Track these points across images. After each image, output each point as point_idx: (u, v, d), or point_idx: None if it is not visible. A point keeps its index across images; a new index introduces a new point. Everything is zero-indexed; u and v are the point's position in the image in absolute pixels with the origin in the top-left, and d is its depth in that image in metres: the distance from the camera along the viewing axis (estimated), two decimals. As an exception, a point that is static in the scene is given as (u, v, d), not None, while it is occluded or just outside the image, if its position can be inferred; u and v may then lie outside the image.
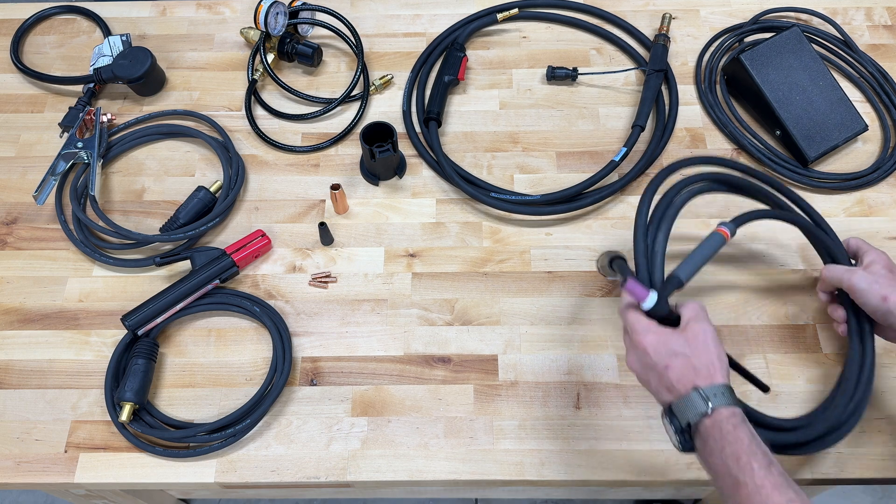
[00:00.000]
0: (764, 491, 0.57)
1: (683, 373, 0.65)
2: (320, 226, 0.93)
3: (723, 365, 0.66)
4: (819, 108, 1.02)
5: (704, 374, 0.64)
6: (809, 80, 1.03)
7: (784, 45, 1.05)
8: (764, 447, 0.61)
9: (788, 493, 0.56)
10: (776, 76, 1.03)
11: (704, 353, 0.65)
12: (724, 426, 0.61)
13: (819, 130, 1.01)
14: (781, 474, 0.58)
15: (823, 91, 1.03)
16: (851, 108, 1.03)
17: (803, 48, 1.05)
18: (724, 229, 0.80)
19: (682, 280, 0.75)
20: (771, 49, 1.04)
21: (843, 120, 1.02)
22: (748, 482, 0.58)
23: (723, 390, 0.63)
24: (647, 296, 0.70)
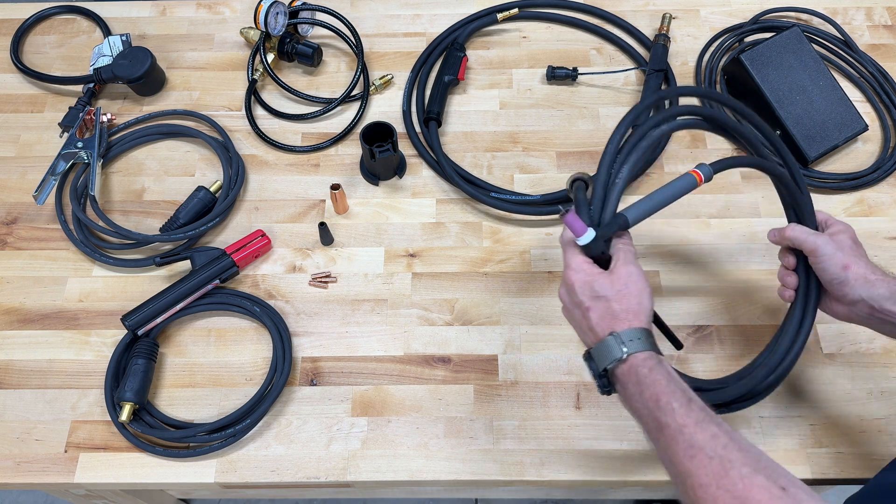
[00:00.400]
0: (687, 430, 0.56)
1: (603, 317, 0.65)
2: (320, 226, 0.93)
3: (643, 310, 0.64)
4: (819, 107, 1.02)
5: (623, 319, 0.63)
6: (809, 80, 1.03)
7: (784, 45, 1.05)
8: (683, 385, 0.60)
9: (711, 429, 0.56)
10: (776, 76, 1.03)
11: (626, 298, 0.64)
12: (640, 370, 0.61)
13: (819, 130, 1.01)
14: (702, 409, 0.58)
15: (823, 91, 1.03)
16: (851, 108, 1.03)
17: (803, 48, 1.05)
18: (698, 171, 0.73)
19: (627, 221, 0.69)
20: (771, 49, 1.04)
21: (844, 120, 1.02)
22: (670, 423, 0.57)
23: (640, 335, 0.62)
24: (585, 232, 0.67)
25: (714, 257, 0.94)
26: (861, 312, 0.70)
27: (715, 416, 0.57)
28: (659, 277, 0.93)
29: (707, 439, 0.55)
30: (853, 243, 0.73)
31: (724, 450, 0.54)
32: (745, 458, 0.53)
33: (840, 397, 0.84)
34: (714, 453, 0.54)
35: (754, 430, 0.82)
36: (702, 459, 0.54)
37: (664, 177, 1.01)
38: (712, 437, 0.55)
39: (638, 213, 0.70)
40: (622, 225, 0.69)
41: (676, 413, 0.57)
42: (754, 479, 0.51)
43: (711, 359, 0.87)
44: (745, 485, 0.51)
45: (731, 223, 0.97)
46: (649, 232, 0.97)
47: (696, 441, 0.55)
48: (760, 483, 0.51)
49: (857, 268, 0.70)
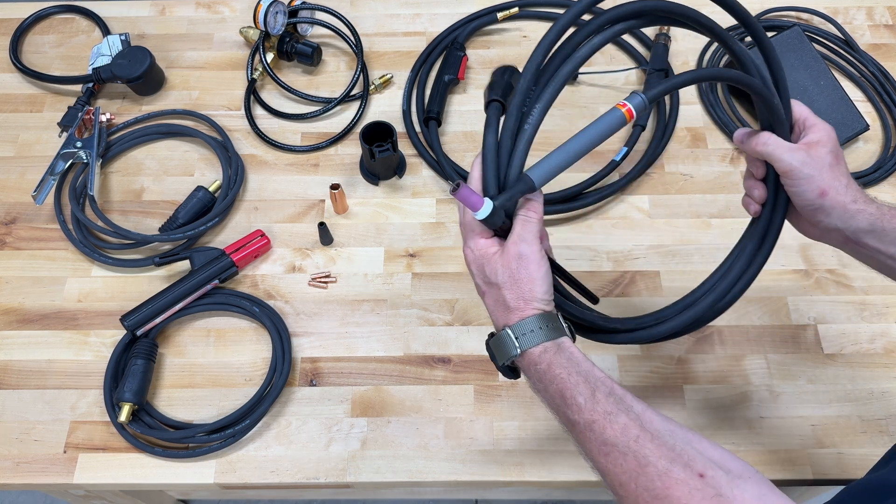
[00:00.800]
0: (596, 426, 0.53)
1: (496, 307, 0.60)
2: (320, 226, 0.93)
3: (535, 295, 0.58)
4: (820, 107, 1.02)
5: (515, 309, 0.58)
6: (810, 80, 1.03)
7: (785, 44, 1.05)
8: (584, 369, 0.55)
9: (620, 420, 0.52)
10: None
11: (516, 285, 0.58)
12: (538, 367, 0.57)
13: None
14: (609, 396, 0.53)
15: (824, 90, 1.03)
16: (852, 108, 1.03)
17: (804, 48, 1.05)
18: (627, 105, 0.58)
19: (532, 184, 0.58)
20: None
21: (844, 119, 1.02)
22: (578, 420, 0.54)
23: (533, 324, 0.57)
24: (481, 205, 0.57)
25: (714, 257, 0.94)
26: (835, 240, 0.65)
27: (622, 400, 0.53)
28: (659, 277, 0.93)
29: (618, 434, 0.51)
30: (833, 158, 0.63)
31: (637, 443, 0.51)
32: (660, 450, 0.50)
33: (841, 398, 0.84)
34: (627, 448, 0.51)
35: (755, 430, 0.82)
36: (616, 457, 0.51)
37: (665, 176, 1.01)
38: (623, 430, 0.51)
39: (547, 170, 0.58)
40: (525, 189, 0.58)
41: (583, 409, 0.53)
42: (671, 473, 0.49)
43: (712, 359, 0.87)
44: (663, 482, 0.49)
45: (732, 223, 0.97)
46: (650, 231, 0.96)
47: (607, 437, 0.52)
48: (678, 477, 0.48)
49: (834, 194, 0.62)
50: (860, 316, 0.89)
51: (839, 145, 0.65)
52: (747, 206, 0.70)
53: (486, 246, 0.60)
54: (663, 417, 0.53)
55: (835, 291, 0.91)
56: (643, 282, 0.92)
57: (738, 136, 0.68)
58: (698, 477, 0.48)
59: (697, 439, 0.52)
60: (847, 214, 0.62)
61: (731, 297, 0.68)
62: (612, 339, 0.69)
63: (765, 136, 0.64)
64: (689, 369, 0.86)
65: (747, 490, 0.47)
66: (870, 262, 0.65)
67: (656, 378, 0.85)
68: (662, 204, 0.99)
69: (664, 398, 0.84)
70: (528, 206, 0.60)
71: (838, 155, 0.64)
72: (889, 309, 0.90)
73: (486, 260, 0.60)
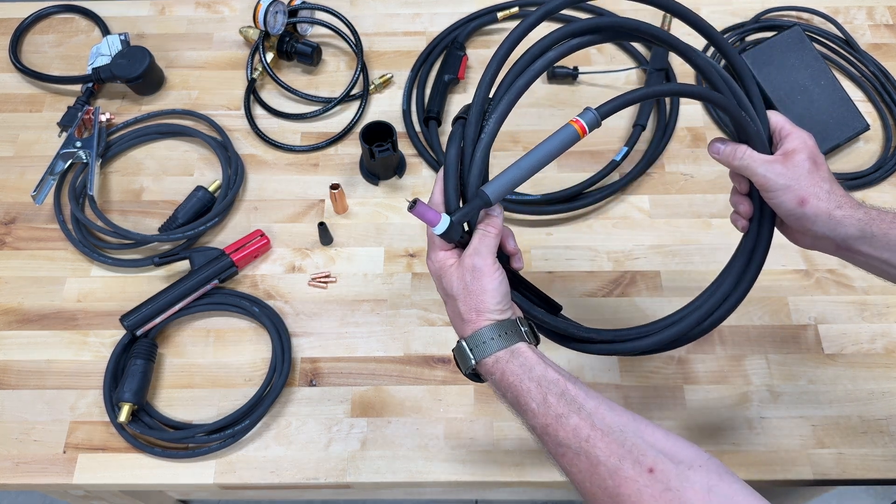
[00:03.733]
0: (550, 429, 0.54)
1: (454, 318, 0.61)
2: (320, 226, 0.93)
3: (487, 307, 0.59)
4: (820, 107, 1.02)
5: (469, 321, 0.59)
6: (811, 80, 1.03)
7: (785, 44, 1.04)
8: (537, 374, 0.56)
9: (572, 421, 0.53)
10: (777, 75, 1.03)
11: (470, 297, 0.59)
12: (493, 377, 0.58)
13: (820, 130, 1.01)
14: (560, 397, 0.54)
15: (825, 90, 1.03)
16: (853, 108, 1.03)
17: (805, 47, 1.04)
18: (579, 121, 0.59)
19: (488, 199, 0.59)
20: (772, 48, 1.04)
21: (845, 119, 1.02)
22: (535, 425, 0.55)
23: (486, 335, 0.58)
24: (439, 220, 0.59)
25: (714, 257, 0.94)
26: (827, 247, 0.64)
27: (574, 401, 0.54)
28: (659, 277, 0.93)
29: (570, 436, 0.53)
30: (812, 165, 0.62)
31: (588, 443, 0.52)
32: (610, 447, 0.51)
33: (841, 398, 0.84)
34: (580, 449, 0.52)
35: (755, 430, 0.82)
36: (571, 458, 0.53)
37: (665, 176, 1.01)
38: (574, 431, 0.53)
39: (503, 185, 0.60)
40: (481, 204, 0.60)
41: (537, 414, 0.55)
42: (620, 472, 0.50)
43: (712, 359, 0.87)
44: (614, 481, 0.50)
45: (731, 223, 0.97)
46: (650, 231, 0.96)
47: (560, 440, 0.53)
48: (627, 475, 0.50)
49: (816, 202, 0.61)
50: (861, 316, 0.89)
51: (819, 152, 0.63)
52: (735, 223, 0.69)
53: (444, 258, 0.62)
54: (616, 411, 0.54)
55: (835, 291, 0.91)
56: (643, 282, 0.92)
57: (713, 150, 0.66)
58: (647, 473, 0.49)
59: (650, 430, 0.52)
60: (833, 221, 0.61)
61: (718, 316, 0.68)
62: (588, 349, 0.69)
63: (740, 149, 0.63)
64: (689, 369, 0.86)
65: (696, 482, 0.48)
66: (867, 267, 0.64)
67: (656, 378, 0.85)
68: (663, 204, 0.99)
69: (664, 398, 0.84)
70: (488, 220, 0.61)
71: (818, 161, 0.62)
72: (889, 309, 0.89)
73: (443, 272, 0.61)
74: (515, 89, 0.61)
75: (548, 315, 0.66)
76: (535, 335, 0.63)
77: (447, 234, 0.60)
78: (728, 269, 0.69)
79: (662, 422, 0.82)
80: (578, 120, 0.59)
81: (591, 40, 0.65)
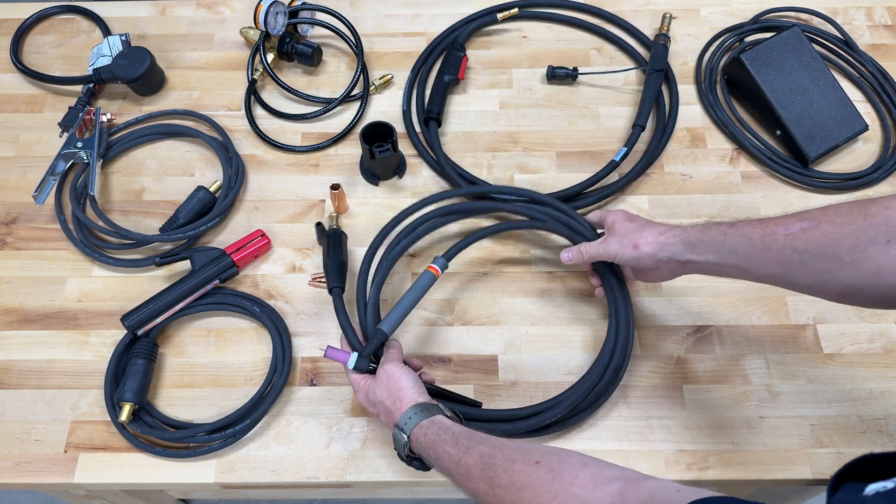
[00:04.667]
0: (462, 462, 0.63)
1: (386, 416, 0.73)
2: (317, 226, 0.93)
3: (405, 394, 0.71)
4: (819, 108, 1.02)
5: (396, 409, 0.71)
6: (810, 80, 1.03)
7: (784, 45, 1.05)
8: (455, 430, 0.67)
9: (478, 449, 0.63)
10: (776, 76, 1.03)
11: (390, 393, 0.72)
12: (420, 441, 0.68)
13: (819, 130, 1.01)
14: (469, 438, 0.65)
15: (824, 91, 1.03)
16: (852, 108, 1.03)
17: (804, 48, 1.05)
18: (434, 266, 0.84)
19: (385, 334, 0.79)
20: (771, 49, 1.04)
21: (844, 120, 1.02)
22: (451, 467, 0.65)
23: (410, 414, 0.70)
24: (349, 358, 0.77)
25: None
26: (676, 271, 0.77)
27: (485, 439, 0.65)
28: (659, 277, 0.93)
29: (476, 460, 0.63)
30: (629, 222, 0.79)
31: (490, 458, 0.62)
32: (503, 454, 0.61)
33: (840, 397, 0.84)
34: (483, 465, 0.62)
35: (755, 430, 0.82)
36: (476, 474, 0.62)
37: (664, 176, 1.01)
38: (480, 455, 0.63)
39: (393, 322, 0.80)
40: (382, 338, 0.79)
41: (452, 455, 0.65)
42: (513, 466, 0.59)
43: (711, 359, 0.87)
44: (508, 474, 0.59)
45: (732, 223, 0.97)
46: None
47: (469, 465, 0.63)
48: (518, 468, 0.59)
49: (645, 238, 0.76)
50: (859, 316, 0.89)
51: (631, 214, 0.81)
52: (597, 293, 0.88)
53: (363, 381, 0.76)
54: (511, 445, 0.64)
55: (834, 291, 0.91)
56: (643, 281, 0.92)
57: (567, 257, 0.84)
58: (534, 464, 0.59)
59: (540, 449, 0.62)
60: (663, 246, 0.74)
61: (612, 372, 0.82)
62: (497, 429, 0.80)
63: (583, 248, 0.83)
64: (689, 369, 0.86)
65: (572, 457, 0.59)
66: (713, 273, 0.74)
67: (656, 378, 0.85)
68: (662, 204, 0.99)
69: (664, 398, 0.84)
70: (390, 344, 0.79)
71: (632, 218, 0.80)
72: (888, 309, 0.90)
73: (368, 389, 0.75)
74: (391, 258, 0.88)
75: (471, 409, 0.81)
76: (458, 417, 0.73)
77: (358, 367, 0.77)
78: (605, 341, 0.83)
79: (662, 421, 0.82)
80: (434, 266, 0.83)
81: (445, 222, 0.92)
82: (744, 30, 1.14)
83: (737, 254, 0.68)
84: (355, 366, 0.77)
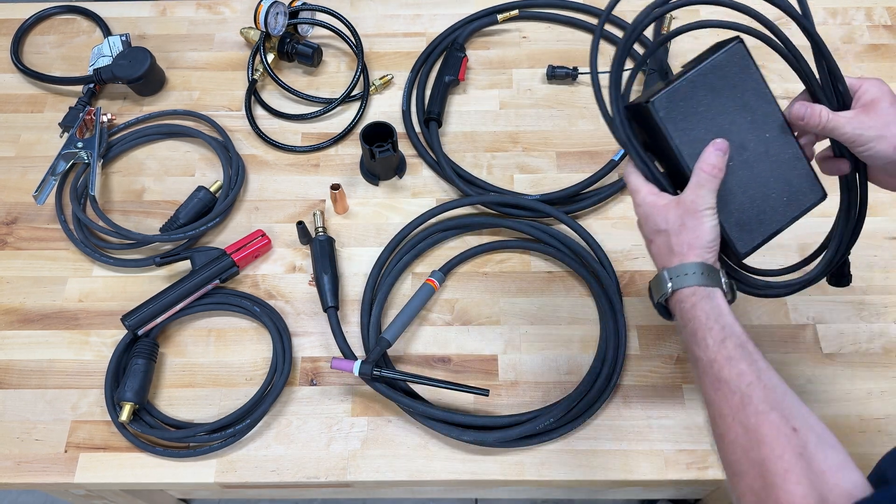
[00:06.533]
0: (716, 364, 0.57)
1: (660, 251, 0.64)
2: (298, 225, 0.93)
3: (703, 240, 0.61)
4: (761, 174, 0.67)
5: (678, 253, 0.62)
6: (751, 130, 0.66)
7: (720, 73, 0.66)
8: (725, 321, 0.59)
9: (739, 366, 0.56)
10: (701, 128, 0.65)
11: (685, 231, 0.62)
12: (683, 306, 0.61)
13: (757, 212, 0.67)
14: (738, 346, 0.58)
15: (770, 146, 0.67)
16: (806, 171, 0.68)
17: (747, 79, 0.67)
18: (432, 280, 0.87)
19: (388, 342, 0.82)
20: (698, 85, 0.66)
21: (794, 189, 0.68)
22: (702, 356, 0.59)
23: (689, 269, 0.61)
24: (353, 365, 0.79)
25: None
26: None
27: (750, 354, 0.57)
28: (659, 277, 0.93)
29: (733, 376, 0.56)
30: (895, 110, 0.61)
31: (748, 387, 0.55)
32: (766, 396, 0.54)
33: (840, 397, 0.84)
34: (737, 388, 0.55)
35: (754, 430, 0.82)
36: (725, 392, 0.56)
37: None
38: (738, 374, 0.56)
39: (396, 330, 0.84)
40: (385, 346, 0.82)
41: (710, 348, 0.58)
42: (769, 415, 0.52)
43: (711, 359, 0.87)
44: (758, 420, 0.53)
45: (731, 223, 0.97)
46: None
47: (722, 376, 0.56)
48: (773, 420, 0.52)
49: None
50: (859, 316, 0.89)
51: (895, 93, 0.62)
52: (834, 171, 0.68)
53: (653, 200, 0.65)
54: (783, 384, 0.56)
55: (833, 291, 0.91)
56: (643, 282, 0.92)
57: (795, 117, 0.64)
58: (791, 429, 0.51)
59: (806, 411, 0.54)
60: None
61: None
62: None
63: (823, 113, 0.62)
64: (689, 368, 0.86)
65: (830, 456, 0.50)
66: None
67: (656, 377, 0.86)
68: (662, 204, 0.99)
69: (664, 398, 0.84)
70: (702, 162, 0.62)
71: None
72: (887, 309, 0.90)
73: (656, 210, 0.64)
74: (382, 289, 0.91)
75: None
76: (733, 292, 0.65)
77: (362, 373, 0.80)
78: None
79: (662, 421, 0.82)
80: (432, 279, 0.88)
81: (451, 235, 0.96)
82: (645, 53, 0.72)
83: None
84: (360, 371, 0.79)
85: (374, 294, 0.90)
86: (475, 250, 0.93)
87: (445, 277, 0.91)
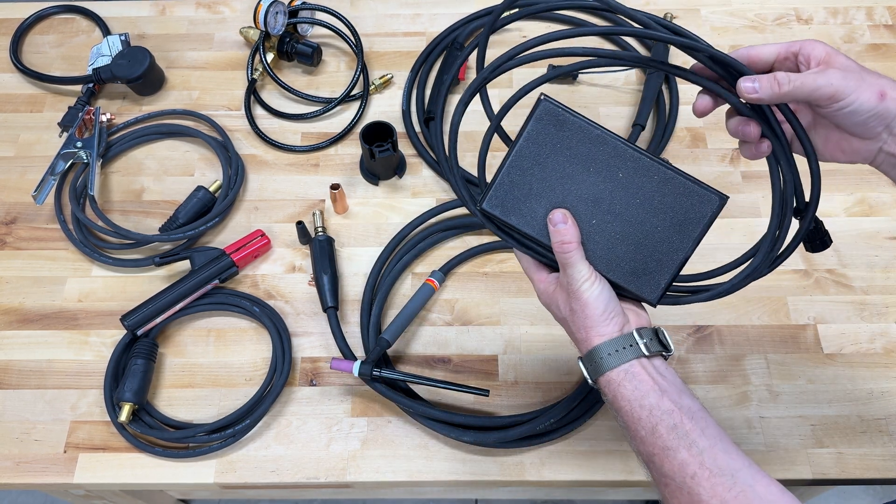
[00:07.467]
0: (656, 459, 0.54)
1: (571, 338, 0.61)
2: (298, 225, 0.93)
3: (595, 317, 0.57)
4: (633, 219, 0.60)
5: (581, 340, 0.59)
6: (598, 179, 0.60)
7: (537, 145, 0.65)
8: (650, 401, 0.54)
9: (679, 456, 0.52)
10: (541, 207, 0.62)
11: (575, 316, 0.58)
12: (607, 398, 0.58)
13: (650, 253, 0.61)
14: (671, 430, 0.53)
15: (630, 186, 0.60)
16: (687, 187, 0.59)
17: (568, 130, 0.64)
18: (432, 280, 0.88)
19: (388, 342, 0.82)
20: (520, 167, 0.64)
21: (682, 209, 0.59)
22: (641, 450, 0.55)
23: (598, 355, 0.57)
24: (352, 366, 0.80)
25: (714, 257, 0.94)
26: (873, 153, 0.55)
27: (687, 435, 0.52)
28: (659, 277, 0.93)
29: (675, 469, 0.52)
30: (848, 61, 0.54)
31: (692, 480, 0.51)
32: (714, 489, 0.50)
33: (840, 397, 0.84)
34: (683, 484, 0.51)
35: (755, 430, 0.82)
36: (673, 489, 0.53)
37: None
38: (680, 466, 0.52)
39: (395, 330, 0.84)
40: (385, 346, 0.82)
41: (645, 441, 0.54)
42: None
43: (711, 359, 0.87)
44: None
45: (731, 223, 0.97)
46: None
47: (665, 471, 0.53)
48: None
49: (892, 91, 0.52)
50: (860, 316, 0.89)
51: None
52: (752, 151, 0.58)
53: (546, 287, 0.63)
54: (731, 454, 0.52)
55: (834, 291, 0.91)
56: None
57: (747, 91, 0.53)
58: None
59: (764, 482, 0.51)
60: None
61: None
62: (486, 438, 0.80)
63: (781, 76, 0.52)
64: (689, 369, 0.86)
65: None
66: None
67: (656, 378, 0.85)
68: (662, 204, 0.99)
69: (664, 398, 0.84)
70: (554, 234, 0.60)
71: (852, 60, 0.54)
72: (889, 309, 0.90)
73: (550, 299, 0.62)
74: (380, 297, 0.90)
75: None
76: (661, 343, 0.58)
77: (362, 373, 0.80)
78: None
79: (662, 421, 0.82)
80: (432, 279, 0.88)
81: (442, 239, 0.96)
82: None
83: None
84: (360, 372, 0.79)
85: (374, 294, 0.90)
86: (475, 250, 0.93)
87: (445, 277, 0.91)
